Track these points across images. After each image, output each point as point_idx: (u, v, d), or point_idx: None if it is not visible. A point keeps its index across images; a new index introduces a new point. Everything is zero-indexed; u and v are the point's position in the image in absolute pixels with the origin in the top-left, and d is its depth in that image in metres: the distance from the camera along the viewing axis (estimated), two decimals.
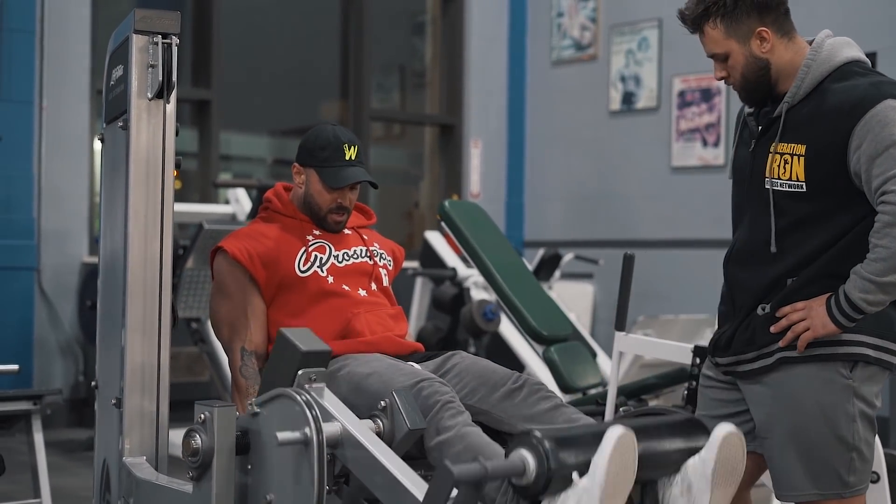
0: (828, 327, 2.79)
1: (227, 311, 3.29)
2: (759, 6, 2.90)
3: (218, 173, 8.40)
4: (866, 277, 2.74)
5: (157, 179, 2.89)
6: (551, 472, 2.44)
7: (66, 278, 7.49)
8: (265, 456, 2.58)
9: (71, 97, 7.54)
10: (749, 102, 3.02)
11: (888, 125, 2.72)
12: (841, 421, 2.82)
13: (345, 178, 3.37)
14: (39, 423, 4.20)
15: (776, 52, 2.91)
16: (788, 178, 2.85)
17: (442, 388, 2.87)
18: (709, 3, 2.91)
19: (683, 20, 3.00)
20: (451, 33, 9.75)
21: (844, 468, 2.84)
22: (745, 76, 2.94)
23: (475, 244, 4.28)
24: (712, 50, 2.96)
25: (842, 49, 2.90)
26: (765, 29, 2.90)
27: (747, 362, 2.93)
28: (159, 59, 2.82)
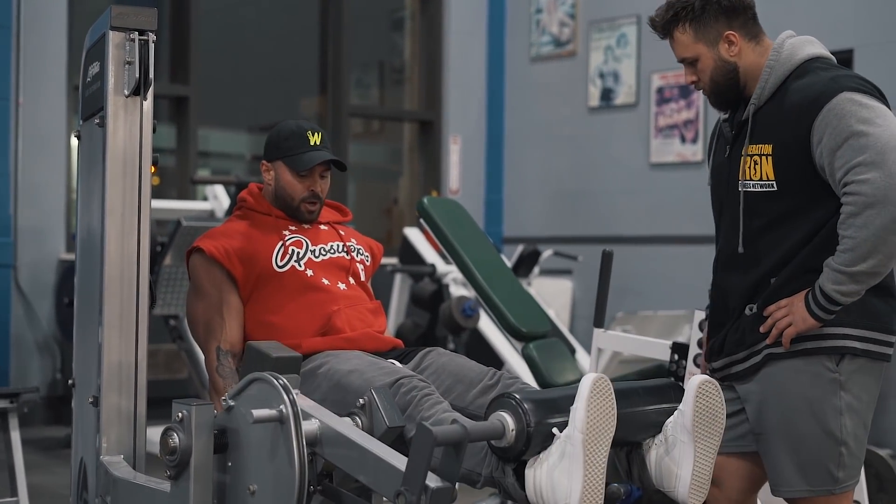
0: (808, 321, 2.83)
1: (202, 310, 3.28)
2: (727, 10, 2.96)
3: (196, 170, 8.38)
4: (837, 269, 2.77)
5: (135, 176, 2.87)
6: (531, 429, 2.47)
7: (42, 275, 7.46)
8: (244, 446, 2.57)
9: (48, 93, 7.50)
10: (719, 106, 3.08)
11: (845, 117, 2.77)
12: (828, 415, 2.85)
13: (312, 159, 3.37)
14: (16, 421, 4.18)
15: (744, 56, 2.97)
16: (759, 178, 2.90)
17: (421, 383, 2.88)
18: (678, 8, 2.98)
19: (654, 26, 3.07)
20: (429, 29, 9.74)
21: (833, 463, 2.87)
22: (714, 80, 3.00)
23: (454, 241, 4.27)
24: (682, 54, 3.03)
25: (803, 47, 2.96)
26: (732, 33, 2.97)
27: (739, 362, 2.98)
28: (136, 56, 2.81)
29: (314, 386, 3.01)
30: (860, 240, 2.73)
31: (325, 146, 3.42)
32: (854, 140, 2.75)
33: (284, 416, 2.48)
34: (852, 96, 2.79)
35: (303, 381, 3.02)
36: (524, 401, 2.52)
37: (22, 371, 7.31)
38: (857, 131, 2.75)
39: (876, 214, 2.71)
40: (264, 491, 2.52)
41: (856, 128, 2.75)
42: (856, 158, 2.74)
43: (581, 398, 2.48)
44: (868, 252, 2.73)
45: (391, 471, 2.41)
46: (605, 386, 2.51)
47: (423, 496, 2.29)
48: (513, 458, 2.56)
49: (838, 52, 7.62)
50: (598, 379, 2.49)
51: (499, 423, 2.51)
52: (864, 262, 2.74)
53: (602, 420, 2.49)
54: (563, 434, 2.50)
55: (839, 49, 7.73)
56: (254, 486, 2.54)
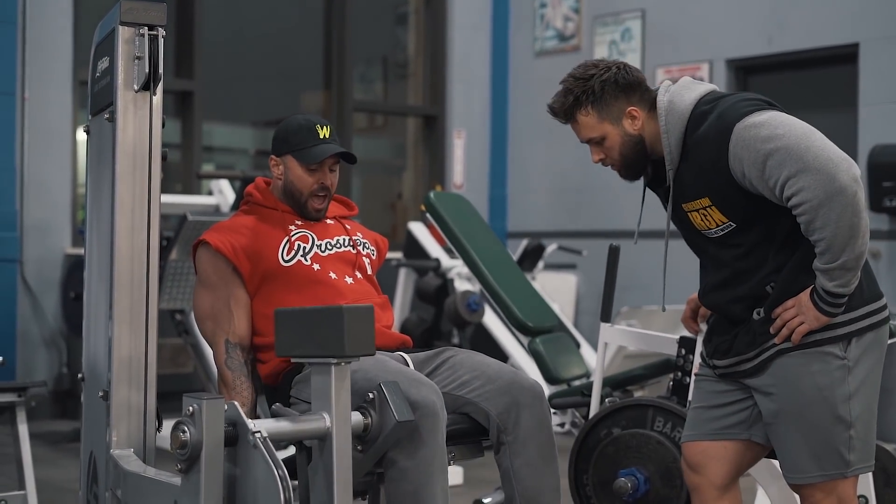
0: (821, 319, 2.88)
1: (210, 303, 3.29)
2: (625, 88, 3.04)
3: (201, 164, 8.38)
4: (825, 269, 2.82)
5: (144, 171, 2.87)
6: None
7: (49, 270, 7.47)
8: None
9: (53, 88, 7.51)
10: (630, 178, 3.16)
11: (749, 145, 2.83)
12: (837, 401, 2.90)
13: (322, 152, 3.38)
14: (24, 415, 4.19)
15: (646, 127, 3.05)
16: (715, 225, 2.97)
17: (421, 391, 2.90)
18: (577, 93, 3.04)
19: (555, 114, 3.12)
20: (433, 24, 9.74)
21: (844, 446, 2.92)
22: (623, 154, 3.07)
23: (460, 235, 4.28)
24: (588, 136, 3.08)
25: (681, 99, 3.01)
26: (634, 108, 3.04)
27: (748, 360, 3.01)
28: (145, 51, 2.81)
29: None
30: (829, 237, 2.78)
31: (333, 139, 3.43)
32: (770, 160, 2.80)
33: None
34: (745, 123, 2.84)
35: (307, 379, 3.03)
36: None
37: (28, 365, 7.32)
38: (768, 151, 2.80)
39: (829, 211, 2.75)
40: None
41: (764, 148, 2.80)
42: (782, 174, 2.79)
43: None
44: (843, 243, 2.77)
45: None
46: None
47: None
48: None
49: (843, 47, 7.70)
50: None
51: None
52: (844, 253, 2.79)
53: None
54: None
55: (844, 43, 7.74)
56: None
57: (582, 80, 3.04)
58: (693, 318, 3.38)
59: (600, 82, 3.01)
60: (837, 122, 7.85)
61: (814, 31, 7.90)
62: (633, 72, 3.07)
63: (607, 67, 3.04)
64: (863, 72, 7.64)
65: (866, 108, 7.60)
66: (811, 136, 2.80)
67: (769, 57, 8.15)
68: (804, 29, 7.95)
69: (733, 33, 8.34)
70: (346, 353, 2.55)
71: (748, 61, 8.31)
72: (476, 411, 3.16)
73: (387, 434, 2.75)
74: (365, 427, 2.78)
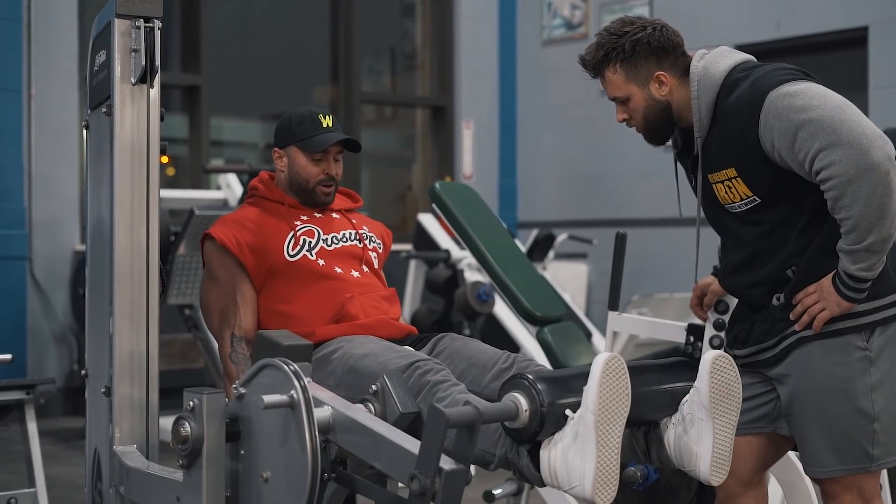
0: (842, 305, 2.81)
1: (216, 297, 3.28)
2: (657, 51, 2.97)
3: (209, 159, 8.37)
4: (850, 250, 2.75)
5: (143, 165, 2.85)
6: (545, 410, 2.46)
7: (58, 267, 7.47)
8: (256, 434, 2.56)
9: (59, 85, 7.51)
10: (653, 142, 3.10)
11: (782, 114, 2.76)
12: (859, 393, 2.83)
13: (326, 140, 3.36)
14: (33, 412, 4.19)
15: (675, 93, 2.99)
16: (739, 199, 2.90)
17: (437, 366, 2.86)
18: (608, 48, 2.98)
19: (585, 66, 3.07)
20: (441, 14, 9.72)
21: (868, 441, 2.85)
22: (646, 118, 3.02)
23: (467, 226, 4.25)
24: (613, 94, 3.04)
25: (716, 65, 2.94)
26: (663, 73, 2.98)
27: (768, 349, 2.95)
28: (142, 44, 2.79)
29: (329, 371, 3.00)
30: (856, 216, 2.71)
31: (337, 128, 3.42)
32: (802, 131, 2.73)
33: (295, 401, 2.46)
34: (779, 91, 2.78)
35: (317, 366, 3.01)
36: (537, 381, 2.51)
37: (38, 362, 7.33)
38: (801, 121, 2.73)
39: (858, 188, 2.68)
40: (278, 477, 2.51)
41: (797, 118, 2.73)
42: (813, 146, 2.72)
43: (593, 378, 2.45)
44: (871, 223, 2.70)
45: (405, 455, 2.38)
46: (618, 365, 2.48)
47: (437, 479, 2.27)
48: (527, 440, 2.55)
49: (852, 30, 7.65)
50: (610, 359, 2.47)
51: (512, 404, 2.50)
52: (871, 234, 2.72)
53: (615, 401, 2.47)
54: (575, 415, 2.48)
55: (853, 27, 7.69)
56: (267, 473, 2.52)
57: (615, 35, 2.98)
58: (699, 305, 3.32)
59: (632, 41, 2.95)
60: None
61: (822, 15, 7.86)
62: (670, 34, 2.98)
63: (643, 27, 2.97)
64: (872, 55, 7.59)
65: (876, 91, 7.55)
66: (846, 109, 2.73)
67: (778, 42, 8.11)
68: (812, 13, 7.90)
69: (741, 18, 8.29)
70: None
71: (756, 46, 8.25)
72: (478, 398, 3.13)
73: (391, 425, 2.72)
74: None
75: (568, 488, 2.50)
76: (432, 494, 2.28)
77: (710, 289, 3.25)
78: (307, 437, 2.44)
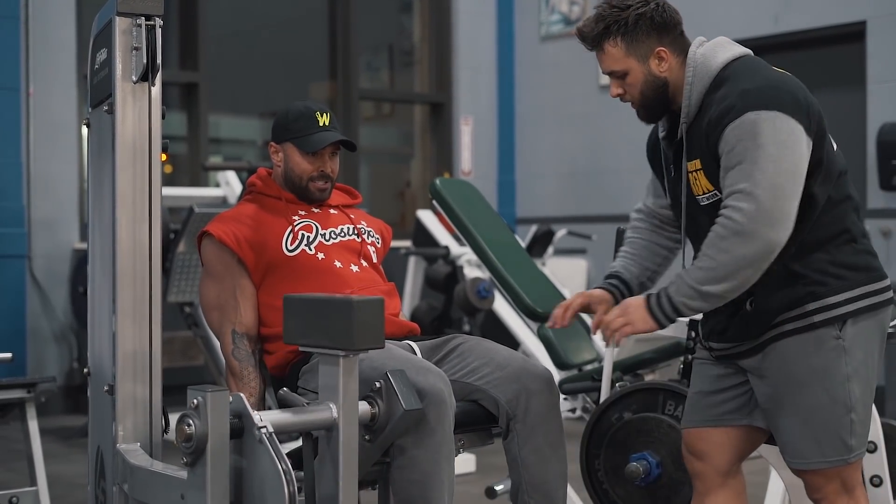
0: (648, 323, 2.88)
1: (215, 294, 3.28)
2: (659, 27, 2.93)
3: (207, 156, 8.37)
4: (689, 284, 2.81)
5: (144, 163, 2.85)
6: None
7: (57, 265, 7.47)
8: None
9: (58, 83, 7.50)
10: (648, 119, 3.06)
11: (742, 140, 2.75)
12: (835, 383, 2.84)
13: (321, 140, 3.36)
14: (34, 410, 4.19)
15: (673, 71, 2.95)
16: (702, 192, 2.90)
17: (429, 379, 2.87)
18: (609, 21, 2.93)
19: (583, 38, 3.01)
20: (438, 11, 9.71)
21: (846, 431, 2.85)
22: (643, 94, 2.98)
23: (467, 222, 4.25)
24: (611, 67, 2.98)
25: (714, 56, 2.92)
26: (663, 49, 2.94)
27: (745, 343, 2.96)
28: (143, 42, 2.78)
29: None
30: (719, 263, 2.75)
31: (333, 126, 3.41)
32: (745, 165, 2.73)
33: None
34: (757, 115, 2.75)
35: (313, 369, 3.01)
36: None
37: (38, 361, 7.33)
38: (750, 157, 2.73)
39: (740, 244, 2.72)
40: None
41: (749, 154, 2.73)
42: (739, 184, 2.74)
43: None
44: (722, 277, 2.76)
45: None
46: None
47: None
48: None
49: (850, 25, 7.65)
50: None
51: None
52: (716, 285, 2.77)
53: None
54: None
55: (851, 21, 7.69)
56: None
57: (617, 8, 2.93)
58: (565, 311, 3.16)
59: (636, 15, 2.90)
60: (846, 100, 7.81)
61: (820, 9, 7.86)
62: (671, 12, 2.95)
63: (646, 1, 2.93)
64: (870, 50, 7.59)
65: (875, 86, 7.55)
66: (788, 182, 2.72)
67: (776, 37, 8.11)
68: (810, 8, 7.90)
69: (739, 13, 8.29)
70: (354, 346, 2.51)
71: (755, 41, 8.24)
72: (485, 399, 3.14)
73: (394, 423, 2.73)
74: (372, 416, 2.76)
75: None
76: None
77: (600, 307, 3.14)
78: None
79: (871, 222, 7.32)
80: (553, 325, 3.14)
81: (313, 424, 2.60)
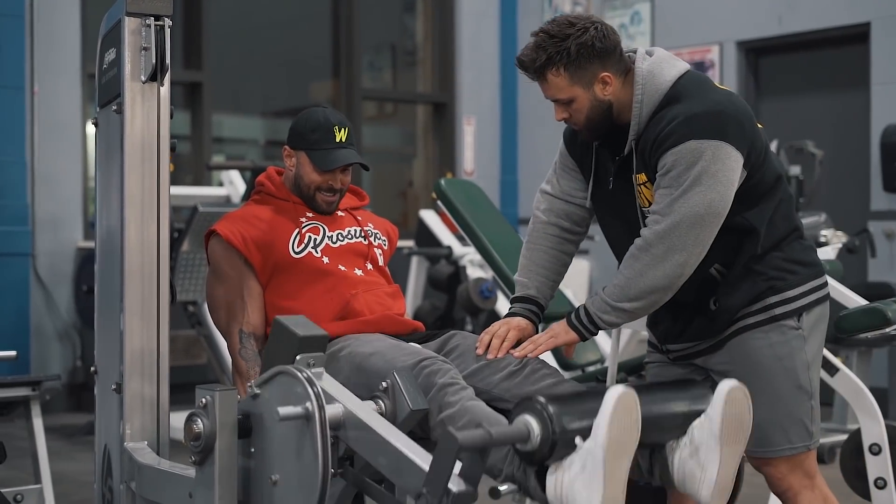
0: (569, 335, 2.98)
1: (223, 294, 3.28)
2: (601, 53, 2.91)
3: (211, 155, 8.37)
4: (603, 299, 2.91)
5: (153, 163, 2.86)
6: (556, 437, 2.46)
7: (61, 264, 7.47)
8: (267, 436, 2.57)
9: (62, 81, 7.50)
10: (593, 139, 3.05)
11: (677, 166, 2.80)
12: (798, 369, 2.93)
13: (334, 160, 3.35)
14: (39, 408, 4.18)
15: (616, 92, 2.95)
16: (648, 204, 2.93)
17: (444, 366, 2.86)
18: (551, 52, 2.90)
19: (524, 68, 2.98)
20: (442, 10, 9.71)
21: (807, 417, 2.95)
22: (589, 118, 2.97)
23: (471, 222, 4.26)
24: (556, 96, 2.97)
25: (661, 73, 2.92)
26: (608, 74, 2.93)
27: (705, 342, 3.01)
28: (152, 42, 2.79)
29: (336, 369, 3.00)
30: (632, 282, 2.83)
31: (350, 143, 3.39)
32: (673, 190, 2.79)
33: (310, 413, 2.47)
34: (699, 145, 2.78)
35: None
36: (549, 404, 2.49)
37: (42, 359, 7.33)
38: (680, 183, 2.79)
39: (650, 266, 2.81)
40: (286, 482, 2.52)
41: (681, 179, 2.79)
42: (662, 207, 2.81)
43: (604, 414, 2.44)
44: (633, 296, 2.84)
45: (413, 468, 2.41)
46: (630, 401, 2.47)
47: (445, 499, 2.29)
48: (535, 462, 2.55)
49: (854, 26, 7.65)
50: (623, 394, 2.45)
51: (524, 428, 2.48)
52: (627, 303, 2.85)
53: (625, 436, 2.46)
54: (584, 446, 2.47)
55: (855, 23, 7.69)
56: (276, 476, 2.54)
57: (557, 39, 2.89)
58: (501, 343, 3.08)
59: (577, 45, 2.87)
60: (849, 102, 7.81)
61: (824, 10, 7.85)
62: (611, 35, 2.93)
63: (584, 28, 2.88)
64: (874, 51, 7.59)
65: (878, 87, 7.55)
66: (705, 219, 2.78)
67: (780, 38, 8.10)
68: (815, 9, 7.90)
69: (743, 15, 8.29)
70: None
71: (759, 42, 8.26)
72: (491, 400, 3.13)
73: (401, 422, 2.73)
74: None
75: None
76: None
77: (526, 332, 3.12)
78: (319, 448, 2.45)
79: (874, 224, 7.33)
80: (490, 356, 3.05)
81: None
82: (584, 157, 3.13)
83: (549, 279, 3.22)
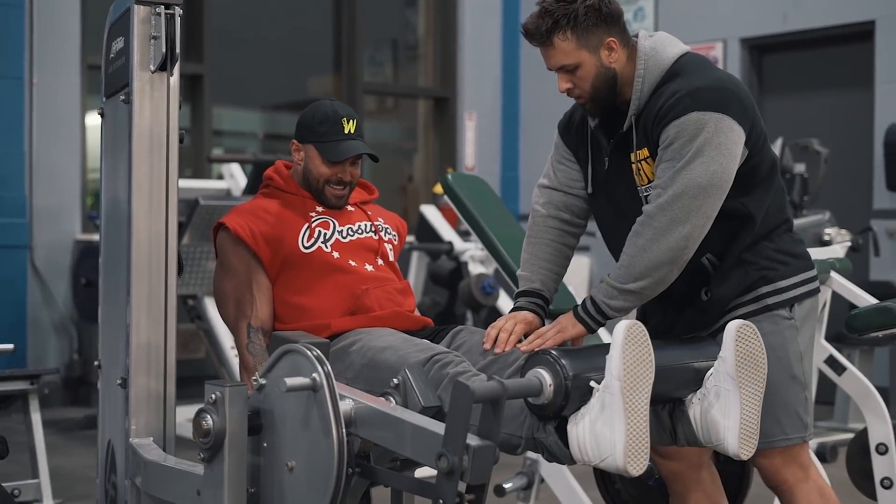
0: (577, 328, 2.89)
1: (231, 288, 3.24)
2: (607, 17, 2.90)
3: (211, 148, 8.33)
4: (610, 284, 2.84)
5: (162, 153, 2.82)
6: (569, 383, 2.46)
7: (59, 256, 7.43)
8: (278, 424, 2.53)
9: (62, 73, 7.46)
10: (596, 113, 3.02)
11: (680, 137, 2.77)
12: (792, 359, 2.92)
13: (344, 151, 3.31)
14: (37, 402, 4.16)
15: (621, 62, 2.93)
16: (647, 182, 2.90)
17: (457, 358, 2.83)
18: (558, 15, 2.88)
19: (529, 35, 2.96)
20: (443, 5, 9.68)
21: (802, 408, 2.94)
22: (594, 86, 2.93)
23: (478, 216, 4.22)
24: (562, 62, 2.93)
25: (665, 49, 2.92)
26: (613, 39, 2.91)
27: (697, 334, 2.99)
28: (162, 31, 2.75)
29: (347, 364, 2.97)
30: (636, 259, 2.78)
31: (359, 134, 3.37)
32: (676, 162, 2.77)
33: (318, 384, 2.43)
34: (702, 116, 2.76)
35: (335, 359, 2.97)
36: (561, 356, 2.50)
37: (39, 352, 7.29)
38: (682, 155, 2.76)
39: (654, 241, 2.76)
40: (303, 465, 2.47)
41: (683, 151, 2.76)
42: (664, 180, 2.78)
43: (616, 346, 2.45)
44: (639, 274, 2.78)
45: (431, 437, 2.36)
46: (639, 331, 2.48)
47: (466, 455, 2.25)
48: (552, 415, 2.53)
49: (858, 24, 7.63)
50: (631, 325, 2.47)
51: (536, 380, 2.48)
52: (633, 282, 2.79)
53: (639, 366, 2.46)
54: (601, 385, 2.48)
55: (859, 21, 7.66)
56: (292, 462, 2.49)
57: (564, 2, 2.88)
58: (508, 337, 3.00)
59: (584, 7, 2.87)
60: (853, 100, 7.78)
61: (829, 8, 7.83)
62: (616, 3, 2.93)
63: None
64: (879, 50, 7.57)
65: (882, 86, 7.52)
66: (713, 185, 2.75)
67: (784, 35, 8.08)
68: (819, 7, 7.87)
69: (747, 12, 8.26)
70: None
71: (763, 40, 8.23)
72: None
73: None
74: None
75: (599, 461, 2.48)
76: (461, 472, 2.26)
77: (532, 325, 3.06)
78: (331, 419, 2.41)
79: (877, 223, 7.31)
80: (497, 351, 2.98)
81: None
82: (580, 144, 3.11)
83: (552, 272, 3.18)
